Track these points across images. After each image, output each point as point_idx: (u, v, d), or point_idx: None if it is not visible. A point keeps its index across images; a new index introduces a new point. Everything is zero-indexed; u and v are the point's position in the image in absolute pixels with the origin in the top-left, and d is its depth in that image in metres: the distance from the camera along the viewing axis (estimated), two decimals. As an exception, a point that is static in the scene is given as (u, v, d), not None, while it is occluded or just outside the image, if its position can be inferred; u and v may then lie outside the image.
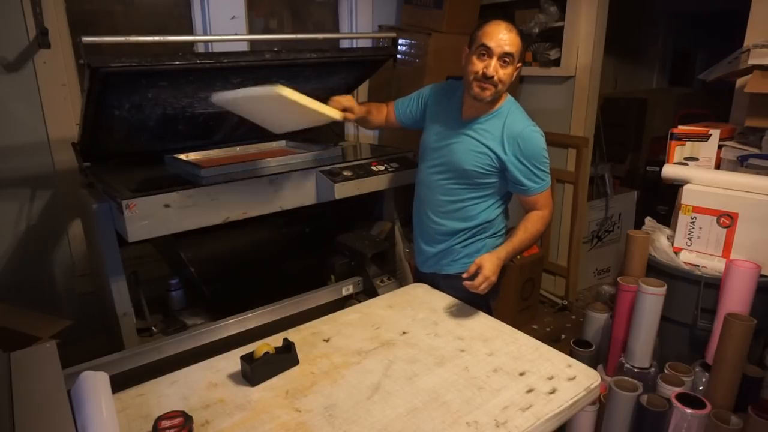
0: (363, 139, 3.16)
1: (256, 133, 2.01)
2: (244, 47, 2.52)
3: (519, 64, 1.62)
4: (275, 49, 1.80)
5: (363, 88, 3.12)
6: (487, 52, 1.56)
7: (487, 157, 1.62)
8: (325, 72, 2.08)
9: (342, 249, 2.05)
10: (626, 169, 4.17)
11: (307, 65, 1.93)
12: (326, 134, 2.42)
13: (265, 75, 1.86)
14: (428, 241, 1.80)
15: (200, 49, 2.57)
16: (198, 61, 1.66)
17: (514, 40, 1.57)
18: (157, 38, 1.68)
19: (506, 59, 1.56)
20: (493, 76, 1.56)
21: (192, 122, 1.96)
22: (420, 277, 1.90)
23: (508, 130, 1.61)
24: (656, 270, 1.85)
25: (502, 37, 1.55)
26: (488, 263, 1.51)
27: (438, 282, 1.79)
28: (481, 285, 1.49)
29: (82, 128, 1.75)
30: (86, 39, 1.49)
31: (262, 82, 1.53)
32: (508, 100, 1.68)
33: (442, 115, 1.75)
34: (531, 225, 1.66)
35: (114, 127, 1.80)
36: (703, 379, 1.71)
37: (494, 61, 1.55)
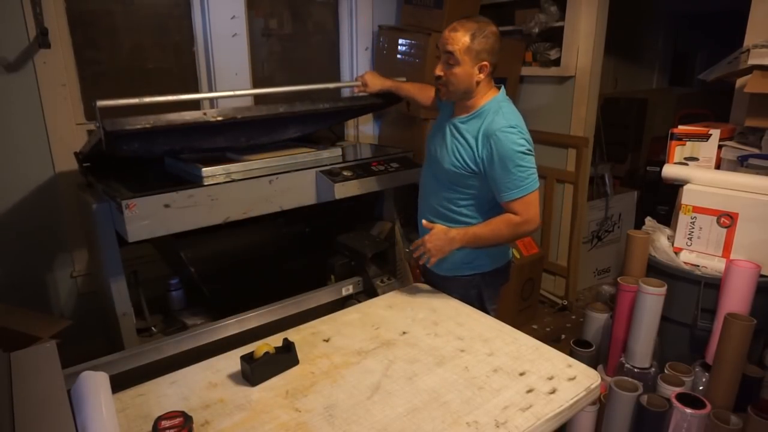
0: (363, 139, 3.17)
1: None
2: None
3: (483, 63, 1.54)
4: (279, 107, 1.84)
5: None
6: (439, 52, 1.58)
7: (463, 158, 1.58)
8: (333, 115, 2.14)
9: (342, 249, 2.05)
10: (626, 169, 4.17)
11: (318, 113, 1.99)
12: (326, 134, 2.43)
13: (276, 125, 1.89)
14: None
15: (201, 51, 2.57)
16: (212, 119, 1.67)
17: (456, 38, 1.52)
18: (170, 98, 1.71)
19: (448, 59, 1.55)
20: (440, 76, 1.57)
21: (199, 151, 1.99)
22: (426, 275, 1.89)
23: (485, 130, 1.55)
24: (656, 270, 1.85)
25: (444, 35, 1.55)
26: (434, 234, 1.54)
27: (436, 281, 1.79)
28: (417, 250, 1.51)
29: (87, 153, 1.78)
30: (101, 103, 1.50)
31: (273, 131, 1.55)
32: (494, 99, 1.61)
33: (442, 115, 1.76)
34: (495, 224, 1.56)
35: (120, 153, 1.81)
36: (703, 379, 1.71)
37: (440, 61, 1.57)
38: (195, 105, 2.61)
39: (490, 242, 1.60)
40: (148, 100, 1.67)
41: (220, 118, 1.69)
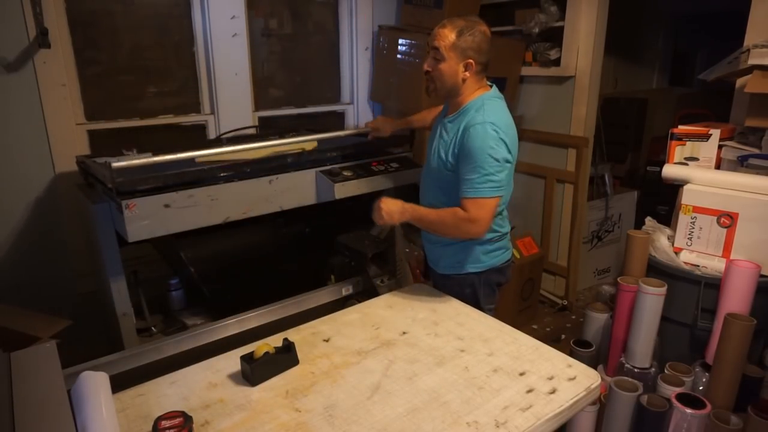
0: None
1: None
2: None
3: (469, 61, 1.56)
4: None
5: (364, 87, 3.12)
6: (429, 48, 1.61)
7: (445, 154, 1.60)
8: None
9: (342, 249, 2.05)
10: (626, 169, 4.17)
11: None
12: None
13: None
14: (425, 239, 1.83)
15: (202, 56, 2.57)
16: (222, 174, 1.70)
17: (443, 35, 1.55)
18: (182, 155, 1.73)
19: (435, 55, 1.58)
20: (428, 71, 1.60)
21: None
22: (427, 274, 1.91)
23: (464, 125, 1.56)
24: (656, 270, 1.85)
25: (433, 31, 1.58)
26: (392, 201, 1.62)
27: (436, 279, 1.81)
28: (374, 210, 1.61)
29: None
30: (116, 165, 1.52)
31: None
32: (479, 96, 1.61)
33: (438, 116, 1.77)
34: (443, 212, 1.57)
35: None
36: (703, 379, 1.71)
37: (428, 57, 1.60)
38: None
39: (434, 228, 1.62)
40: (162, 158, 1.72)
41: (231, 173, 1.76)
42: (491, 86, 1.67)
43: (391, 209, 1.61)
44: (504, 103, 1.65)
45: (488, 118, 1.53)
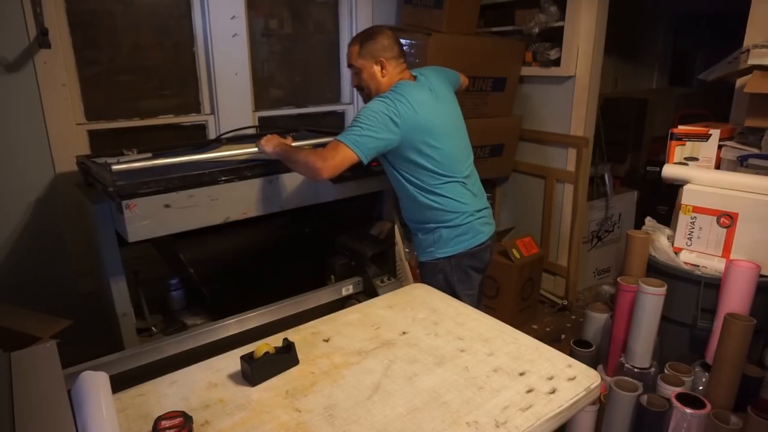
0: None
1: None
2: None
3: (380, 59, 1.73)
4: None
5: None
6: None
7: None
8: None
9: (342, 249, 2.05)
10: (626, 169, 4.17)
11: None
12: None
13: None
14: (411, 231, 1.93)
15: (203, 62, 2.57)
16: (222, 178, 1.71)
17: (350, 52, 1.78)
18: (182, 159, 1.76)
19: (353, 71, 1.80)
20: (355, 86, 1.83)
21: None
22: None
23: None
24: (656, 270, 1.85)
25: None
26: (274, 135, 1.80)
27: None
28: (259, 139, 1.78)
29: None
30: (116, 167, 1.54)
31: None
32: (396, 83, 1.73)
33: None
34: (306, 149, 1.68)
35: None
36: (703, 379, 1.71)
37: (352, 75, 1.83)
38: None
39: (291, 161, 1.67)
40: (162, 161, 1.74)
41: (233, 177, 1.77)
42: (415, 77, 1.78)
43: (268, 138, 1.78)
44: (419, 85, 1.74)
45: (386, 95, 1.67)
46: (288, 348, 1.30)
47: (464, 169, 1.79)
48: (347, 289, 1.97)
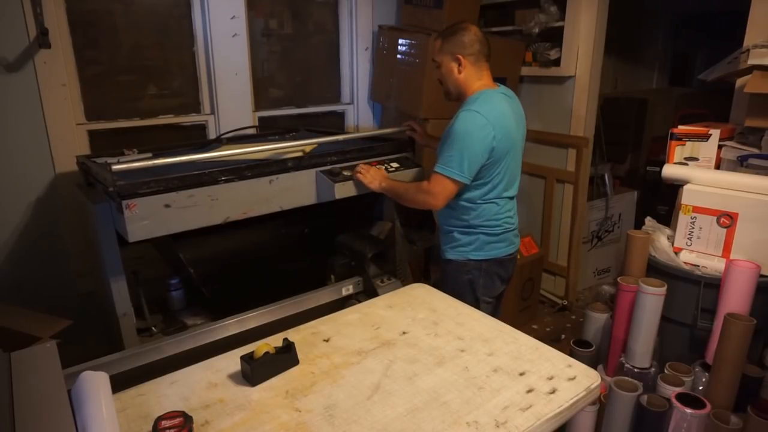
0: (363, 130, 3.16)
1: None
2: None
3: (457, 56, 1.72)
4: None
5: (364, 87, 3.12)
6: None
7: (439, 150, 1.72)
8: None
9: (342, 249, 2.05)
10: (626, 169, 4.17)
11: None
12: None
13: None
14: (440, 224, 1.94)
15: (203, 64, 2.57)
16: (223, 179, 1.71)
17: (432, 46, 1.78)
18: (182, 159, 1.74)
19: (435, 65, 1.80)
20: (439, 80, 1.81)
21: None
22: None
23: (456, 114, 1.71)
24: (656, 270, 1.85)
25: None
26: (375, 168, 1.87)
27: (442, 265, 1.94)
28: (359, 170, 1.84)
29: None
30: (116, 168, 1.52)
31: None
32: (482, 91, 1.73)
33: None
34: (411, 184, 1.82)
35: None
36: (703, 379, 1.71)
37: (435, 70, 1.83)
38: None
39: (399, 196, 1.81)
40: (163, 161, 1.72)
41: (234, 177, 1.77)
42: (498, 85, 1.76)
43: (376, 176, 1.84)
44: (505, 98, 1.74)
45: (475, 107, 1.65)
46: (288, 348, 1.30)
47: (517, 186, 1.86)
48: (347, 289, 1.97)
